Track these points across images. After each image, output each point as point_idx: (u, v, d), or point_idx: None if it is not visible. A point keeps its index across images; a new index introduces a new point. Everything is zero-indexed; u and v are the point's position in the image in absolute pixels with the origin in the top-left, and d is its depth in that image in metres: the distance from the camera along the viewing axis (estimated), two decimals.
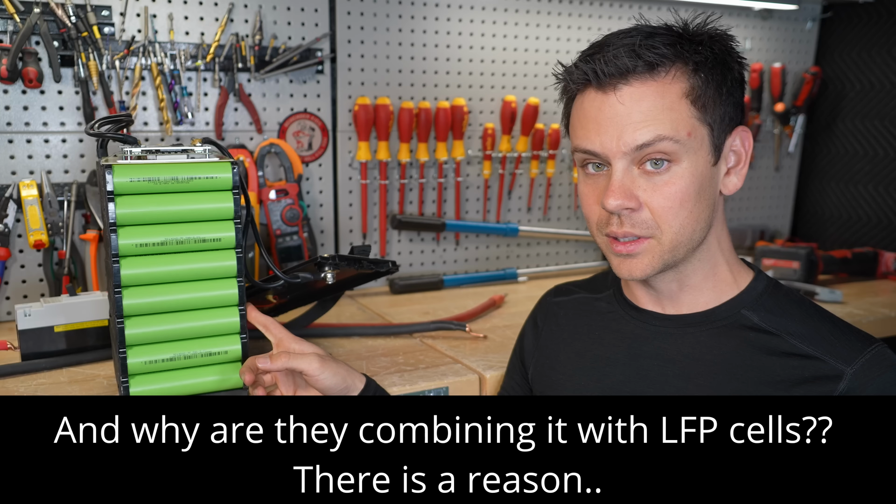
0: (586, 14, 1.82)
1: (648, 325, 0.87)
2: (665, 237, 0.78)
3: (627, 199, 0.77)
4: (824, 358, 0.76)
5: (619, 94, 0.76)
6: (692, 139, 0.77)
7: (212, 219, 0.93)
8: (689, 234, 0.79)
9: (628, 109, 0.76)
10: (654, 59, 0.75)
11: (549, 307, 1.02)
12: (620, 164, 0.77)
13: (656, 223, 0.77)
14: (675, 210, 0.77)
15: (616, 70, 0.76)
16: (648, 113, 0.75)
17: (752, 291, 0.84)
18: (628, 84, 0.76)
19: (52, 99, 1.34)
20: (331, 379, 0.87)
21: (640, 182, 0.77)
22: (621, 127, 0.76)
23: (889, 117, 1.98)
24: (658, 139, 0.75)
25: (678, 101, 0.76)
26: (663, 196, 0.77)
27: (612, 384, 0.87)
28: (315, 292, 1.22)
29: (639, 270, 0.80)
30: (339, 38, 1.56)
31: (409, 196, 1.70)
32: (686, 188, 0.77)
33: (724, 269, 0.85)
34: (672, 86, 0.76)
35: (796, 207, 2.26)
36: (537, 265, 1.88)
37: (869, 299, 1.62)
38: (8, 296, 1.36)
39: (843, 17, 2.08)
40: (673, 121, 0.76)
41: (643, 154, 0.76)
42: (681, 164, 0.77)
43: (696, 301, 0.84)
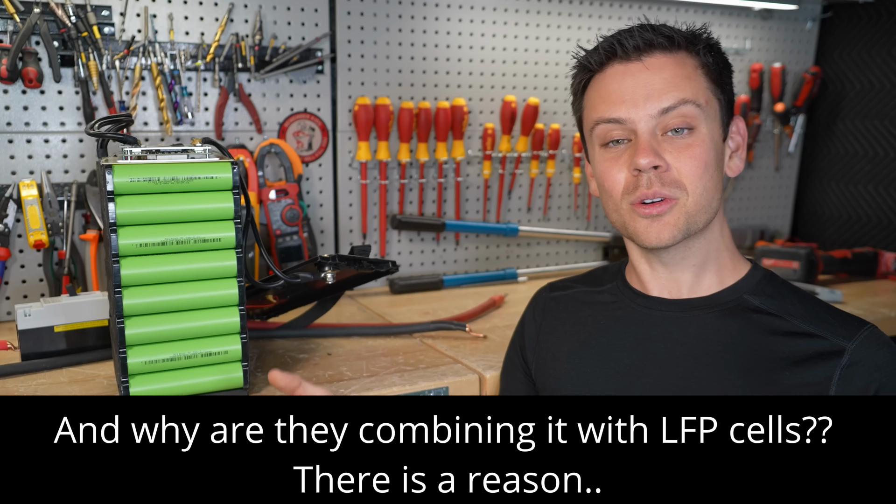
0: (586, 14, 1.82)
1: (655, 310, 0.89)
2: (690, 199, 0.81)
3: (656, 158, 0.80)
4: (826, 335, 0.80)
5: (644, 62, 0.82)
6: (709, 107, 0.83)
7: (212, 219, 0.93)
8: (708, 200, 0.82)
9: (652, 76, 0.82)
10: (672, 34, 0.83)
11: (546, 302, 1.02)
12: (646, 127, 0.82)
13: (683, 183, 0.81)
14: (700, 172, 0.81)
15: (641, 41, 0.82)
16: (671, 79, 0.81)
17: (751, 279, 0.88)
18: (651, 55, 0.82)
19: (52, 99, 1.34)
20: None
21: (665, 146, 0.82)
22: (647, 92, 0.81)
23: (889, 117, 1.98)
24: (681, 102, 0.80)
25: (695, 72, 0.83)
26: (689, 156, 0.81)
27: (619, 368, 0.88)
28: (315, 292, 1.22)
29: (666, 232, 0.82)
30: (339, 38, 1.56)
31: (409, 196, 1.70)
32: (707, 153, 0.82)
33: (725, 255, 0.88)
34: (688, 59, 0.83)
35: (796, 207, 2.26)
36: (537, 265, 1.88)
37: (869, 299, 1.62)
38: (8, 296, 1.36)
39: (843, 17, 2.08)
40: (693, 88, 0.82)
41: (667, 119, 0.81)
42: (700, 130, 0.82)
43: (699, 285, 0.88)
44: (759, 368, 0.80)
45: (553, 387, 0.95)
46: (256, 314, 1.30)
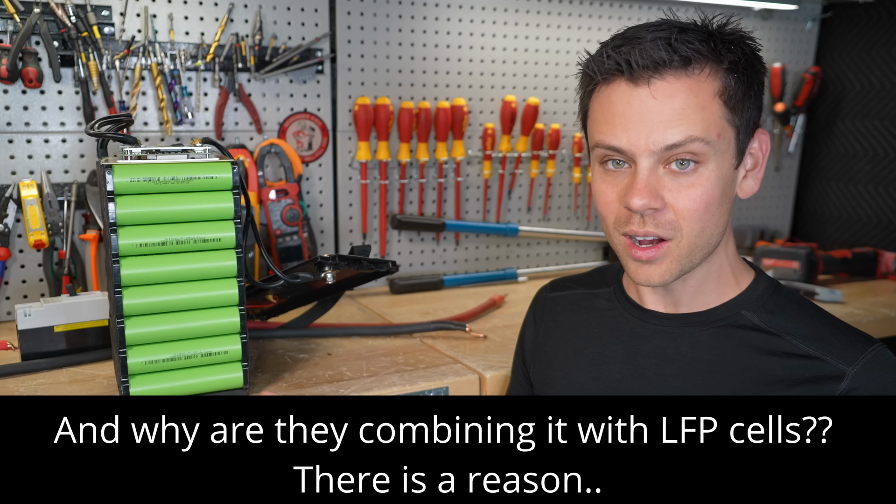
0: (586, 14, 1.82)
1: (648, 323, 0.86)
2: (684, 240, 0.76)
3: (653, 199, 0.74)
4: (825, 358, 0.75)
5: (652, 89, 0.73)
6: (721, 141, 0.75)
7: (212, 219, 0.93)
8: (707, 238, 0.77)
9: (660, 106, 0.73)
10: (689, 53, 0.72)
11: (545, 303, 1.01)
12: (647, 162, 0.74)
13: (679, 224, 0.76)
14: (699, 213, 0.75)
15: (651, 62, 0.72)
16: (681, 111, 0.73)
17: (752, 292, 0.83)
18: (662, 79, 0.73)
19: (52, 99, 1.34)
20: None
21: (665, 182, 0.75)
22: (651, 124, 0.73)
23: (889, 117, 1.98)
24: (689, 140, 0.73)
25: (711, 101, 0.74)
26: (689, 198, 0.74)
27: (609, 382, 0.86)
28: (315, 292, 1.22)
29: (657, 277, 0.78)
30: (339, 38, 1.56)
31: (409, 196, 1.70)
32: (711, 191, 0.75)
33: (727, 270, 0.84)
34: (706, 84, 0.73)
35: (796, 207, 2.26)
36: (537, 265, 1.88)
37: (869, 299, 1.62)
38: (8, 296, 1.36)
39: (843, 17, 2.08)
40: (705, 121, 0.73)
41: (671, 154, 0.74)
42: (707, 166, 0.74)
43: (697, 301, 0.84)
44: (750, 391, 0.77)
45: (546, 394, 0.95)
46: (256, 314, 1.30)
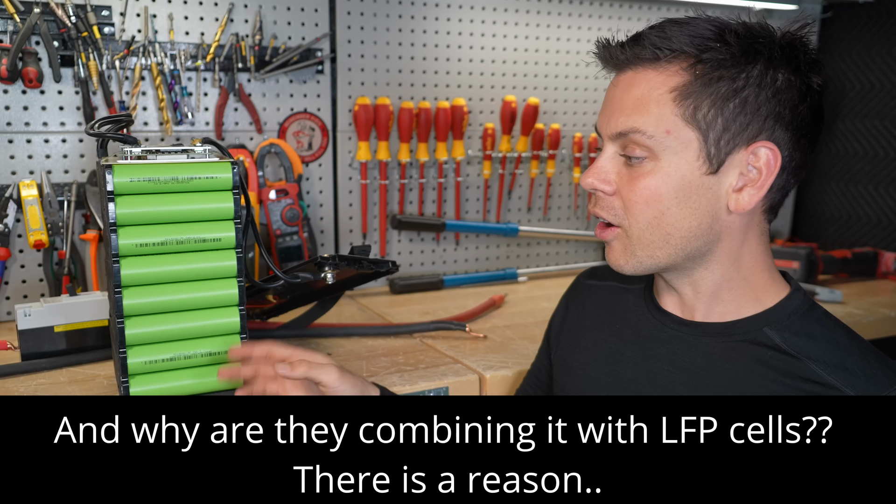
0: (586, 14, 1.82)
1: (667, 327, 0.85)
2: (632, 230, 0.78)
3: (601, 182, 0.78)
4: (844, 390, 0.72)
5: (620, 78, 0.78)
6: (672, 138, 0.74)
7: (212, 219, 0.93)
8: (662, 235, 0.76)
9: (621, 95, 0.77)
10: (658, 46, 0.74)
11: (580, 289, 1.01)
12: (610, 148, 0.79)
13: (624, 214, 0.78)
14: (640, 206, 0.76)
15: (625, 56, 0.77)
16: (635, 102, 0.75)
17: (780, 310, 0.79)
18: (631, 69, 0.77)
19: (52, 99, 1.34)
20: (349, 391, 0.86)
21: (621, 171, 0.78)
22: (611, 111, 0.78)
23: (889, 117, 1.98)
24: (631, 131, 0.75)
25: (665, 95, 0.74)
26: (632, 189, 0.76)
27: (620, 381, 0.87)
28: (315, 292, 1.22)
29: (621, 259, 0.80)
30: (339, 38, 1.56)
31: (409, 196, 1.70)
32: (657, 187, 0.75)
33: (741, 285, 0.80)
34: (668, 79, 0.74)
35: (796, 207, 2.26)
36: (537, 265, 1.88)
37: (869, 299, 1.62)
38: (8, 296, 1.36)
39: (843, 17, 2.08)
40: (656, 115, 0.74)
41: (624, 143, 0.77)
42: (658, 162, 0.75)
43: (713, 311, 0.82)
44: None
45: (561, 381, 0.96)
46: (256, 314, 1.30)
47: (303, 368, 0.85)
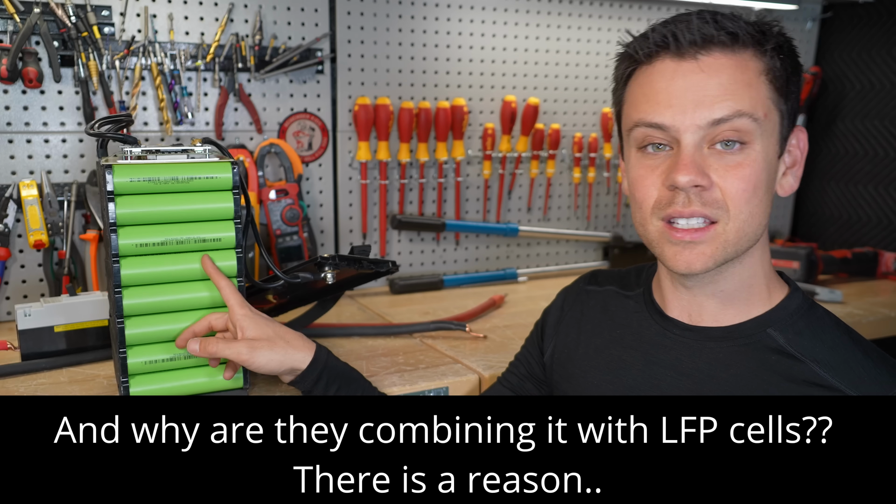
0: (586, 14, 1.82)
1: (670, 332, 0.83)
2: (732, 224, 0.73)
3: (699, 176, 0.71)
4: (847, 391, 0.71)
5: (699, 63, 0.72)
6: (767, 121, 0.73)
7: (212, 219, 0.93)
8: (755, 226, 0.74)
9: (707, 80, 0.71)
10: (737, 30, 0.72)
11: (579, 293, 0.98)
12: (692, 139, 0.72)
13: (727, 205, 0.72)
14: (748, 194, 0.72)
15: (699, 36, 0.72)
16: (728, 86, 0.71)
17: (782, 310, 0.79)
18: (709, 54, 0.72)
19: (52, 99, 1.34)
20: (265, 365, 0.88)
21: (710, 161, 0.72)
22: (698, 99, 0.71)
23: (889, 117, 1.98)
24: (736, 115, 0.71)
25: (757, 78, 0.72)
26: (738, 177, 0.72)
27: (623, 387, 0.85)
28: (315, 292, 1.22)
29: (699, 262, 0.74)
30: (339, 38, 1.56)
31: (409, 196, 1.70)
32: (759, 173, 0.72)
33: (760, 282, 0.80)
34: (752, 62, 0.73)
35: (796, 207, 2.26)
36: (537, 265, 1.88)
37: (869, 299, 1.62)
38: (8, 296, 1.36)
39: (843, 17, 2.08)
40: (752, 98, 0.72)
41: (717, 131, 0.72)
42: (754, 147, 0.72)
43: (723, 314, 0.80)
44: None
45: (562, 388, 0.94)
46: None
47: (211, 348, 0.87)
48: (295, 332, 0.93)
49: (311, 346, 0.92)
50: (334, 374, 0.93)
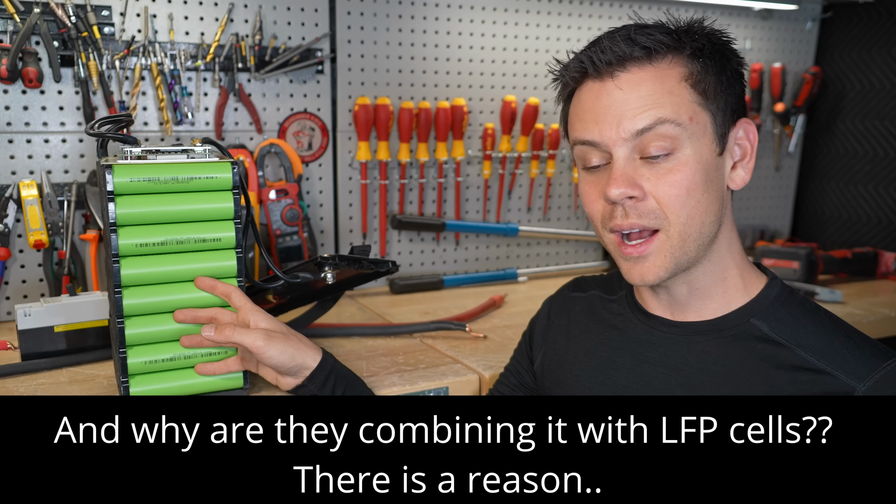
0: (586, 14, 1.82)
1: (656, 330, 0.85)
2: (673, 229, 0.75)
3: (630, 188, 0.75)
4: (835, 373, 0.73)
5: (616, 81, 0.76)
6: (694, 124, 0.75)
7: (212, 219, 0.93)
8: (697, 226, 0.76)
9: (626, 95, 0.75)
10: (650, 44, 0.75)
11: (564, 300, 1.00)
12: (621, 152, 0.76)
13: (663, 213, 0.75)
14: (682, 198, 0.75)
15: (613, 57, 0.75)
16: (647, 98, 0.74)
17: (763, 300, 0.81)
18: (626, 70, 0.75)
19: (52, 99, 1.34)
20: (278, 357, 0.88)
21: (643, 171, 0.75)
22: (620, 113, 0.75)
23: (889, 117, 1.98)
24: (658, 122, 0.74)
25: (678, 85, 0.75)
26: (668, 184, 0.74)
27: (615, 388, 0.86)
28: (315, 292, 1.22)
29: (651, 274, 0.77)
30: (339, 38, 1.56)
31: (409, 196, 1.70)
32: (692, 176, 0.75)
33: (734, 273, 0.82)
34: (670, 70, 0.75)
35: (796, 207, 2.26)
36: (537, 265, 1.88)
37: (869, 299, 1.62)
38: (8, 296, 1.36)
39: (843, 17, 2.08)
40: (674, 104, 0.74)
41: (644, 141, 0.75)
42: (684, 151, 0.75)
43: (704, 308, 0.82)
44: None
45: (554, 393, 0.94)
46: None
47: (227, 333, 0.87)
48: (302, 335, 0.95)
49: (319, 349, 0.94)
50: (341, 377, 0.96)
